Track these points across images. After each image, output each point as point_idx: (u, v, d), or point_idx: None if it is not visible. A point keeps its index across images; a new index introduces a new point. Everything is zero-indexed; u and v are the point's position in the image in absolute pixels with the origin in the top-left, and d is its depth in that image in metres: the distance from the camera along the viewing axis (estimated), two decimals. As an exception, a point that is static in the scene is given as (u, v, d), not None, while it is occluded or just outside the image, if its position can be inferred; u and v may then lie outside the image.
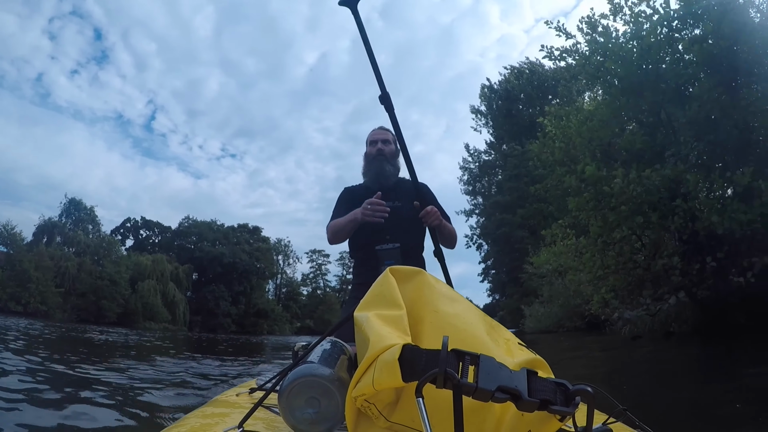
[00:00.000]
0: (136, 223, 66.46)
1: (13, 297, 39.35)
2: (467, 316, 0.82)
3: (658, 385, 5.28)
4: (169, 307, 52.67)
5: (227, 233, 65.72)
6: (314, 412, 0.92)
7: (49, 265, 43.53)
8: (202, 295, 59.18)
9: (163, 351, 13.54)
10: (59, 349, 10.75)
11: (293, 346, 1.36)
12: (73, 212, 56.10)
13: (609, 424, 1.04)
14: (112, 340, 17.63)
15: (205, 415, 1.33)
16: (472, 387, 0.63)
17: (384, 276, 0.89)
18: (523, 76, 32.52)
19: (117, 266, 49.33)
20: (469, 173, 39.33)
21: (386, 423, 0.81)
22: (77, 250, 50.31)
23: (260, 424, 1.15)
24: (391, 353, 0.70)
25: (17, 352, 8.18)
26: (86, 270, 46.92)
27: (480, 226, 38.95)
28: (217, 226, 66.85)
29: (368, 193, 2.45)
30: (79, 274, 46.32)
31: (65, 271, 45.20)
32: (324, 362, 0.95)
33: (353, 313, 0.87)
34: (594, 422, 0.74)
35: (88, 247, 50.75)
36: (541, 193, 14.60)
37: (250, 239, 67.56)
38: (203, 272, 60.93)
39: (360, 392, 0.75)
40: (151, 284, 51.05)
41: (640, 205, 10.26)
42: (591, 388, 0.69)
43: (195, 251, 61.91)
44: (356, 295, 2.50)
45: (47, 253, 45.13)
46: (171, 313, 52.52)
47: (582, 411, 0.72)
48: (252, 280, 64.70)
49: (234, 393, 1.71)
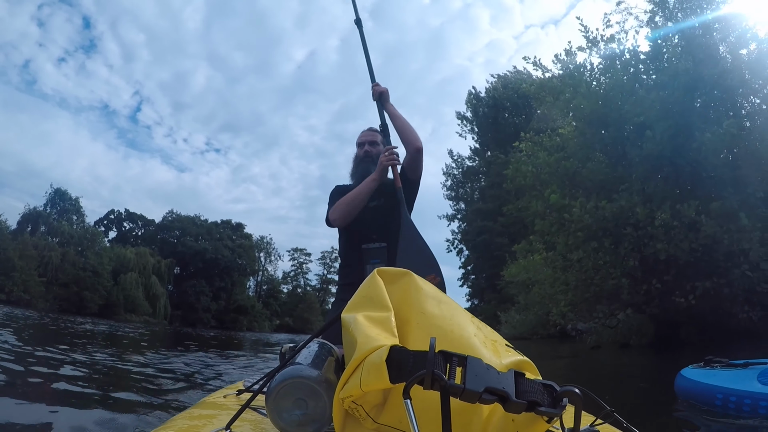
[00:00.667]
0: (120, 215, 66.57)
1: None
2: (454, 318, 0.82)
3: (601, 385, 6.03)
4: (151, 300, 53.23)
5: (210, 229, 66.16)
6: (302, 413, 0.91)
7: (32, 254, 43.88)
8: (183, 290, 59.67)
9: (146, 346, 13.62)
10: (42, 339, 10.75)
11: (281, 347, 1.35)
12: (58, 202, 56.47)
13: (596, 426, 1.04)
14: (96, 331, 18.06)
15: (192, 417, 1.32)
16: (460, 388, 0.63)
17: (371, 277, 0.89)
18: (510, 85, 32.64)
19: (100, 258, 49.79)
20: (453, 179, 39.49)
21: (374, 424, 0.80)
22: (61, 240, 50.56)
23: (248, 426, 1.14)
24: (378, 354, 0.70)
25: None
26: (69, 260, 47.23)
27: (461, 231, 39.11)
28: (201, 222, 67.18)
29: None
30: (63, 265, 46.57)
31: (48, 260, 45.46)
32: (311, 364, 0.95)
33: (341, 314, 0.87)
34: (581, 424, 0.74)
35: (72, 237, 51.06)
36: (514, 212, 16.85)
37: (232, 235, 67.76)
38: (185, 267, 61.52)
39: (347, 393, 0.75)
40: (134, 277, 51.52)
41: (594, 232, 11.82)
42: (578, 390, 0.69)
43: (178, 245, 62.25)
44: (343, 296, 2.52)
45: (31, 242, 45.49)
46: (152, 306, 53.07)
47: (569, 412, 0.72)
48: (233, 276, 65.22)
49: (221, 395, 1.70)
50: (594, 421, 1.07)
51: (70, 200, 57.04)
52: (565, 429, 0.79)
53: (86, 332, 16.28)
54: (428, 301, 0.84)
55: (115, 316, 44.67)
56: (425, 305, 0.83)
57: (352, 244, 2.54)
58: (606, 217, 11.30)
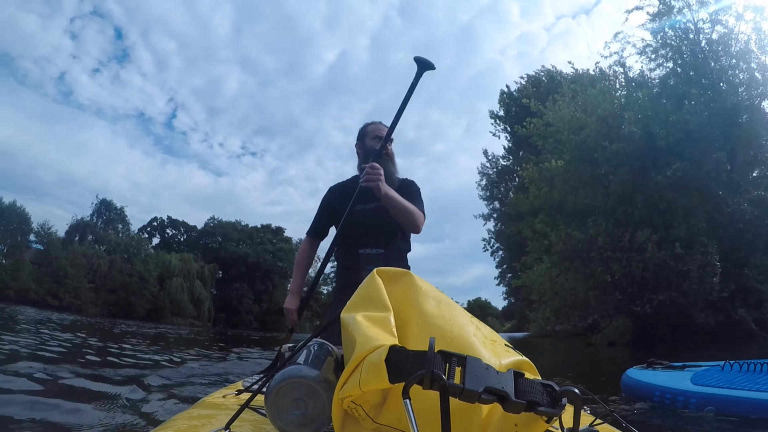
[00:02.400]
0: (163, 222, 68.90)
1: (50, 292, 42.41)
2: (454, 318, 0.82)
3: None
4: (195, 303, 55.73)
5: (251, 233, 68.00)
6: (301, 413, 0.91)
7: (82, 262, 46.68)
8: (226, 293, 61.78)
9: (194, 344, 14.47)
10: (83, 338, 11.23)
11: (279, 347, 1.35)
12: (104, 212, 59.30)
13: (595, 426, 1.05)
14: (141, 332, 19.13)
15: (191, 417, 1.32)
16: (459, 388, 0.63)
17: (371, 277, 0.89)
18: (541, 84, 32.40)
19: (146, 264, 52.31)
20: (487, 178, 39.02)
21: (373, 424, 0.80)
22: (108, 248, 53.30)
23: (247, 426, 1.14)
24: (377, 354, 0.70)
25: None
26: (117, 267, 49.99)
27: (495, 231, 38.72)
28: (242, 227, 69.09)
29: (353, 192, 2.41)
30: (111, 272, 49.33)
31: (97, 268, 48.29)
32: (311, 364, 0.95)
33: (340, 314, 0.87)
34: (581, 424, 0.74)
35: (119, 245, 53.81)
36: (514, 233, 20.92)
37: (272, 239, 69.29)
38: (227, 271, 63.46)
39: (347, 393, 0.75)
40: (179, 282, 53.90)
41: (568, 255, 15.11)
42: (578, 390, 0.69)
43: (220, 251, 64.35)
44: (341, 297, 2.48)
45: (80, 251, 48.07)
46: (197, 310, 55.56)
47: (569, 412, 0.72)
48: (274, 279, 66.86)
49: (221, 395, 1.70)
50: (593, 421, 1.07)
51: (115, 210, 60.16)
52: (565, 429, 0.79)
53: (130, 333, 17.27)
54: (428, 301, 0.84)
55: (161, 320, 46.87)
56: (425, 305, 0.83)
57: (349, 248, 2.50)
58: (576, 243, 14.63)
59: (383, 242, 2.40)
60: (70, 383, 4.49)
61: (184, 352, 10.10)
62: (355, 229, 2.46)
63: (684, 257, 12.61)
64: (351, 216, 2.44)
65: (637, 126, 13.95)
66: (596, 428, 1.03)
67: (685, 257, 12.61)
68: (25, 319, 17.21)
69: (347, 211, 2.37)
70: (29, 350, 6.89)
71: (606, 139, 14.30)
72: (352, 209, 2.38)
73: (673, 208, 13.46)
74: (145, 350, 9.56)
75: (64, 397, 3.71)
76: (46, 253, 45.34)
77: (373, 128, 2.65)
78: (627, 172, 13.90)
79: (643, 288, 13.69)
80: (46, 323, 16.12)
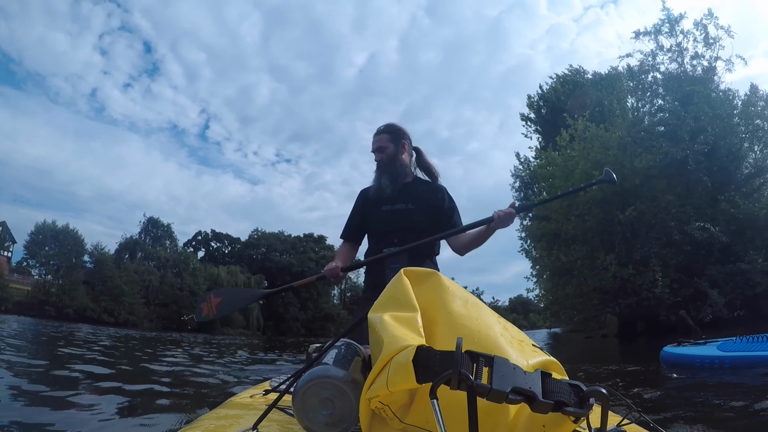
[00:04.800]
0: (207, 236, 71.60)
1: (106, 310, 44.88)
2: (481, 318, 0.82)
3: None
4: (244, 313, 57.36)
5: (294, 243, 69.97)
6: (328, 413, 0.92)
7: (135, 279, 49.09)
8: (273, 302, 63.49)
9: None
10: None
11: (308, 347, 1.36)
12: (151, 230, 61.60)
13: (623, 426, 1.04)
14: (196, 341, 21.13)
15: (219, 417, 1.33)
16: (487, 388, 0.63)
17: (398, 277, 0.89)
18: (568, 84, 32.03)
19: (195, 278, 54.52)
20: (521, 180, 38.71)
21: (400, 424, 0.81)
22: (157, 264, 55.27)
23: (275, 426, 1.15)
24: (405, 355, 0.70)
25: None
26: (168, 282, 52.32)
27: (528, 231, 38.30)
28: (284, 237, 71.16)
29: (379, 195, 2.46)
30: (162, 287, 51.65)
31: (149, 284, 50.60)
32: (338, 364, 0.96)
33: (367, 314, 0.87)
34: (608, 424, 0.74)
35: (168, 261, 55.78)
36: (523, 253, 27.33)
37: (315, 247, 70.79)
38: (273, 281, 65.02)
39: (374, 394, 0.76)
40: None
41: (557, 272, 20.65)
42: (605, 390, 0.69)
43: (265, 261, 66.77)
44: (368, 296, 2.48)
45: (132, 268, 50.37)
46: (245, 320, 57.43)
47: (596, 412, 0.72)
48: (318, 286, 68.75)
49: (248, 395, 1.72)
50: (621, 421, 1.06)
51: (162, 226, 62.42)
52: (592, 429, 0.78)
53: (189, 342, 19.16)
54: (455, 301, 0.84)
55: (212, 331, 48.16)
56: (452, 305, 0.84)
57: (375, 247, 2.51)
58: (563, 263, 19.61)
59: (408, 241, 2.39)
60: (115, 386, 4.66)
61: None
62: (381, 229, 2.49)
63: (637, 274, 17.38)
64: (376, 216, 2.49)
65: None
66: (623, 428, 1.02)
67: (638, 274, 17.38)
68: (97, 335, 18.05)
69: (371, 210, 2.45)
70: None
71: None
72: (377, 210, 2.45)
73: (630, 238, 18.09)
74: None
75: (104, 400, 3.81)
76: (99, 271, 47.17)
77: (373, 140, 2.60)
78: (599, 212, 18.48)
79: (614, 296, 18.52)
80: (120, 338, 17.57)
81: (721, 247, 17.22)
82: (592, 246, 18.82)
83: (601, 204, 18.36)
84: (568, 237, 19.73)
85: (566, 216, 19.46)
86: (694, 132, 17.64)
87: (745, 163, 18.92)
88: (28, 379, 4.81)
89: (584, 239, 19.12)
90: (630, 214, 17.25)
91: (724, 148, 18.09)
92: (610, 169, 2.55)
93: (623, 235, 18.12)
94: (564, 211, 19.52)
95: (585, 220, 18.68)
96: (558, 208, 19.72)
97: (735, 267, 16.65)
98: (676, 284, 17.30)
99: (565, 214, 19.51)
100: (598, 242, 18.68)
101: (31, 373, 5.30)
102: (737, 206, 17.43)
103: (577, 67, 32.28)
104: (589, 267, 18.48)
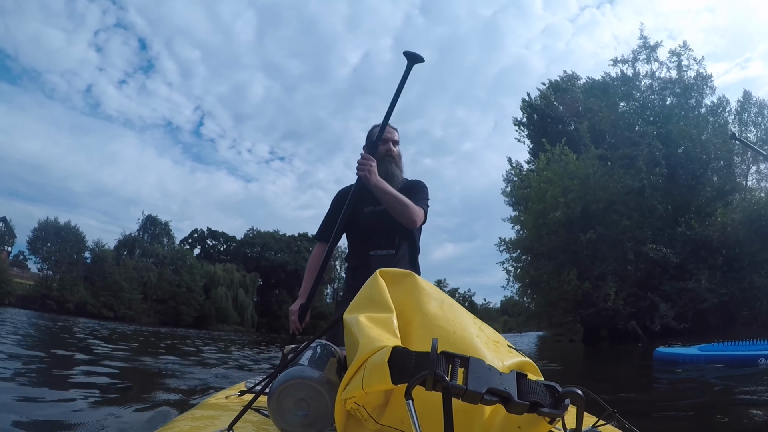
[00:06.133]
0: (203, 234, 72.81)
1: (105, 304, 46.59)
2: (457, 319, 0.82)
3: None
4: (239, 310, 59.20)
5: (289, 242, 71.19)
6: (304, 414, 0.91)
7: (134, 275, 50.59)
8: (267, 300, 65.78)
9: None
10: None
11: (282, 348, 1.35)
12: (150, 227, 62.95)
13: (598, 427, 1.04)
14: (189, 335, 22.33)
15: (194, 418, 1.32)
16: (462, 389, 0.63)
17: (373, 278, 0.89)
18: (560, 91, 32.14)
19: (192, 275, 55.78)
20: (513, 185, 38.75)
21: (376, 425, 0.81)
22: (155, 260, 56.96)
23: (250, 427, 1.14)
24: (380, 355, 0.70)
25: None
26: (166, 279, 53.79)
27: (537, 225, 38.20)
28: (279, 236, 72.30)
29: (360, 196, 2.40)
30: (160, 283, 53.04)
31: (147, 280, 52.05)
32: (313, 365, 0.95)
33: (342, 315, 0.87)
34: (584, 424, 0.74)
35: (165, 258, 57.28)
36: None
37: (309, 247, 71.58)
38: (267, 279, 67.22)
39: (349, 394, 0.75)
40: (223, 291, 57.45)
41: (527, 284, 24.19)
42: (581, 391, 0.69)
43: (260, 260, 68.01)
44: (348, 297, 2.47)
45: (131, 264, 51.88)
46: (240, 316, 59.04)
47: (571, 413, 0.72)
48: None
49: (223, 395, 1.71)
50: (596, 422, 1.06)
51: (160, 225, 63.85)
52: (567, 430, 0.79)
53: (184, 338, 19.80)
54: (431, 302, 0.84)
55: (208, 327, 49.78)
56: (427, 306, 0.83)
57: (358, 247, 2.50)
58: (532, 277, 22.73)
59: (393, 244, 2.39)
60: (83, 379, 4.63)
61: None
62: (365, 231, 2.48)
63: (594, 288, 19.55)
64: (358, 218, 2.46)
65: (574, 201, 20.22)
66: (599, 429, 1.03)
67: (596, 288, 19.54)
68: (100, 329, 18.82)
69: (343, 210, 2.36)
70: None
71: (554, 210, 20.58)
72: (350, 209, 2.37)
73: (591, 256, 20.24)
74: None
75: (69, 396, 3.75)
76: (99, 267, 48.53)
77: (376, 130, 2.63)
78: (564, 232, 20.62)
79: (576, 306, 20.79)
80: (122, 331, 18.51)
81: (676, 266, 19.45)
82: (559, 262, 21.16)
83: (567, 226, 20.56)
84: (538, 253, 22.32)
85: (539, 233, 21.87)
86: (655, 161, 20.12)
87: (708, 188, 21.11)
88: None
89: (551, 255, 21.59)
90: (590, 236, 19.48)
91: (684, 176, 21.22)
92: None
93: (585, 253, 20.35)
94: (537, 230, 22.03)
95: (552, 239, 21.10)
96: (531, 227, 22.61)
97: (684, 284, 18.78)
98: (632, 297, 19.56)
99: (538, 231, 21.96)
100: (564, 259, 20.99)
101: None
102: (693, 228, 19.61)
103: (570, 73, 32.57)
104: (556, 280, 20.82)
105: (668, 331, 17.72)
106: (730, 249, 19.20)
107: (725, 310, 18.44)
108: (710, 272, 18.72)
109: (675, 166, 20.77)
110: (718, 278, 18.60)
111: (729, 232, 18.85)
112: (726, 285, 18.40)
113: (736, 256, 18.90)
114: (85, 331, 15.59)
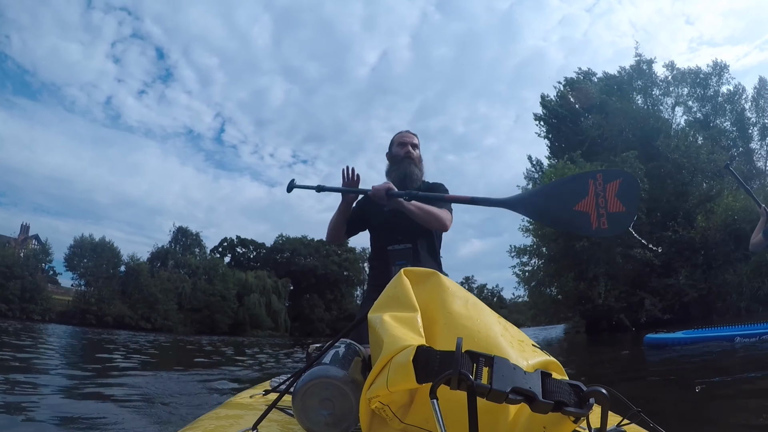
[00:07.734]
0: (232, 242, 73.60)
1: (143, 316, 47.82)
2: (481, 318, 0.82)
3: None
4: (272, 316, 60.23)
5: (317, 247, 71.24)
6: (328, 413, 0.92)
7: (168, 286, 51.75)
8: (299, 304, 66.98)
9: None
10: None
11: (307, 347, 1.36)
12: (181, 238, 64.40)
13: (623, 426, 1.04)
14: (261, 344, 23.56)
15: (219, 417, 1.33)
16: (486, 388, 0.62)
17: (398, 277, 0.89)
18: (575, 88, 31.84)
19: (225, 283, 56.83)
20: (534, 183, 38.45)
21: (400, 425, 0.81)
22: (188, 271, 58.06)
23: (275, 426, 1.15)
24: (405, 355, 0.70)
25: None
26: (200, 288, 54.82)
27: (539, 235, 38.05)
28: (308, 241, 72.64)
29: None
30: (194, 293, 54.10)
31: (182, 291, 53.14)
32: (338, 364, 0.95)
33: (367, 314, 0.87)
34: (608, 424, 0.74)
35: (198, 268, 58.35)
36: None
37: (338, 250, 71.76)
38: (298, 284, 67.97)
39: (374, 394, 0.76)
40: (256, 297, 58.38)
41: (534, 284, 27.91)
42: (605, 390, 0.69)
43: (291, 265, 68.87)
44: (371, 296, 2.49)
45: (165, 276, 53.08)
46: (273, 322, 59.98)
47: (596, 413, 0.72)
48: (342, 287, 71.44)
49: (248, 395, 1.72)
50: (621, 421, 1.06)
51: (191, 235, 65.25)
52: (592, 429, 0.78)
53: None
54: (455, 301, 0.84)
55: (243, 333, 50.74)
56: (452, 305, 0.83)
57: (379, 245, 2.52)
58: (536, 278, 26.87)
59: (412, 239, 2.41)
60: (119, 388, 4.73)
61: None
62: (384, 229, 2.54)
63: (589, 288, 23.07)
64: (377, 217, 2.57)
65: None
66: (623, 428, 1.02)
67: (590, 287, 23.05)
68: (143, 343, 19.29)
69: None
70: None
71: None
72: (379, 208, 2.51)
73: (586, 260, 22.84)
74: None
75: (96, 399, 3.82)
76: (134, 280, 49.58)
77: (399, 136, 2.74)
78: (562, 240, 22.88)
79: (574, 302, 24.66)
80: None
81: (662, 265, 22.87)
82: (561, 265, 24.48)
83: (565, 234, 22.42)
84: (544, 256, 25.94)
85: (544, 241, 24.95)
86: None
87: (696, 194, 24.32)
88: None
89: (554, 258, 24.82)
90: (583, 243, 21.95)
91: (672, 185, 24.48)
92: None
93: (581, 257, 23.11)
94: (542, 238, 24.90)
95: (553, 245, 24.24)
96: (538, 235, 25.22)
97: (669, 281, 22.29)
98: (624, 294, 22.75)
99: (543, 239, 24.95)
100: (565, 263, 24.15)
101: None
102: (677, 233, 22.98)
103: (586, 69, 32.49)
104: (558, 280, 25.02)
105: (655, 321, 20.75)
106: (708, 249, 22.37)
107: (704, 303, 21.57)
108: (692, 270, 22.11)
109: (664, 176, 24.53)
110: (698, 275, 21.92)
111: (709, 234, 21.91)
112: (705, 281, 21.74)
113: (714, 256, 21.88)
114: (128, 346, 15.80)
